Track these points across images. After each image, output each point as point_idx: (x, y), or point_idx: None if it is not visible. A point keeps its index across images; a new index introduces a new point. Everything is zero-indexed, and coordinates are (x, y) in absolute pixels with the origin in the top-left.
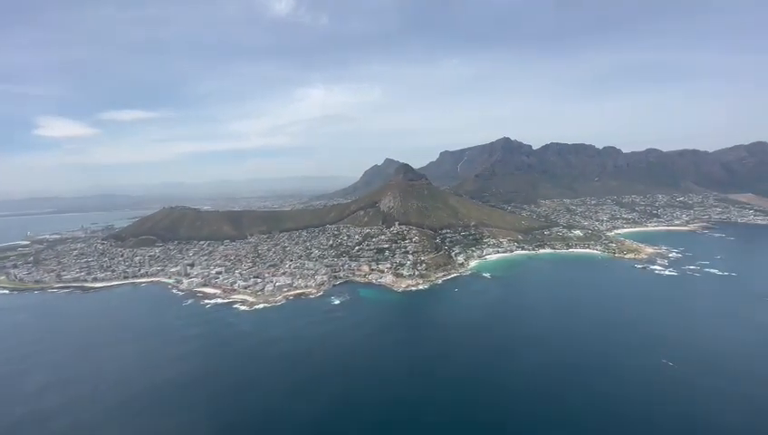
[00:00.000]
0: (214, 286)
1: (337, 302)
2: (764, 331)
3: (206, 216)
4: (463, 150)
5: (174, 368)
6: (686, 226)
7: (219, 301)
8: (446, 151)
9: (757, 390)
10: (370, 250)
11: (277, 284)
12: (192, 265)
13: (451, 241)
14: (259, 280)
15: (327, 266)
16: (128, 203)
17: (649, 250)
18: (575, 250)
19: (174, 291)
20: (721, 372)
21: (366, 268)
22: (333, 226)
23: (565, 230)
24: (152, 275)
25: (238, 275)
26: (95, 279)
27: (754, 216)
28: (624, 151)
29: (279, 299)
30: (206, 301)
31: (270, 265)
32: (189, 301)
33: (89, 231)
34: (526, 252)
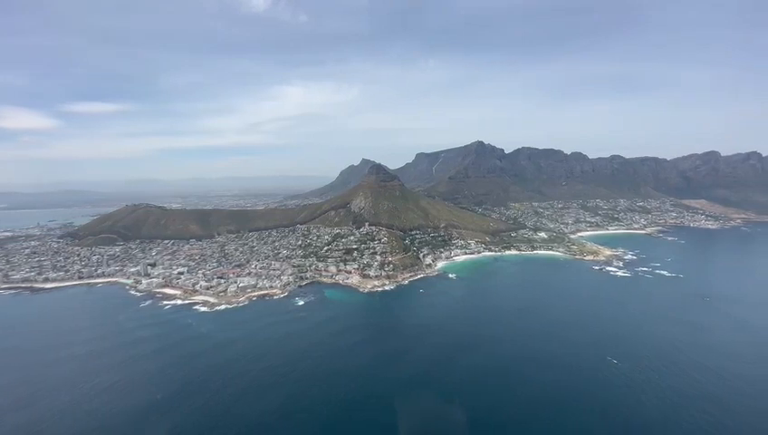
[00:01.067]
0: (175, 287)
1: (301, 303)
2: (697, 329)
3: (171, 214)
4: (438, 152)
5: (119, 372)
6: (643, 229)
7: (179, 302)
8: (422, 153)
9: (681, 380)
10: (339, 251)
11: (241, 284)
12: (154, 265)
13: (420, 242)
14: (223, 280)
15: (294, 267)
16: (92, 200)
17: (608, 252)
18: (539, 252)
19: (132, 292)
20: (655, 367)
21: (333, 269)
22: (304, 226)
23: (531, 232)
24: (110, 275)
25: (201, 275)
26: (46, 279)
27: (705, 220)
28: (590, 157)
29: (242, 300)
30: (166, 302)
31: (235, 266)
32: (147, 302)
33: (45, 229)
34: (493, 253)
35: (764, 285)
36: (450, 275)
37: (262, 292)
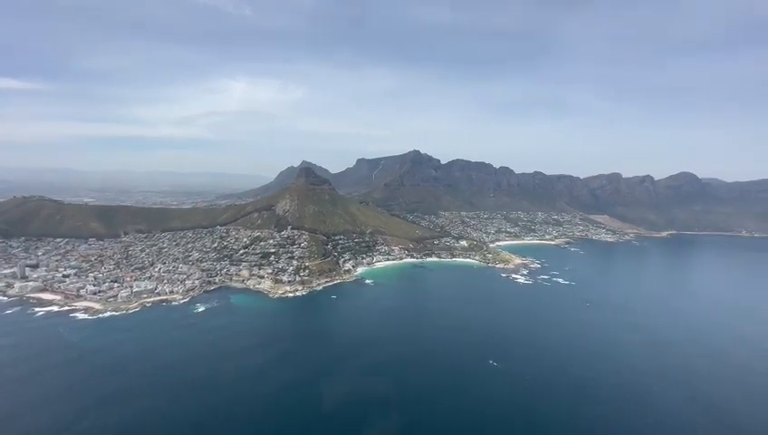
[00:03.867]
0: (55, 292)
1: (201, 309)
2: (572, 333)
3: (69, 209)
4: (379, 159)
5: None
6: (554, 240)
7: (56, 309)
8: (363, 159)
9: (553, 376)
10: (256, 255)
11: (136, 289)
12: (36, 266)
13: (343, 247)
14: (116, 284)
15: (203, 271)
16: None
17: (518, 261)
18: (457, 259)
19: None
20: (530, 366)
21: (246, 273)
22: (223, 227)
23: (453, 241)
24: None
25: (92, 278)
26: None
27: (605, 234)
28: (516, 172)
29: (133, 306)
30: (39, 309)
31: (136, 269)
32: (14, 309)
33: None
34: (414, 260)
35: (637, 292)
36: (367, 281)
37: (160, 297)
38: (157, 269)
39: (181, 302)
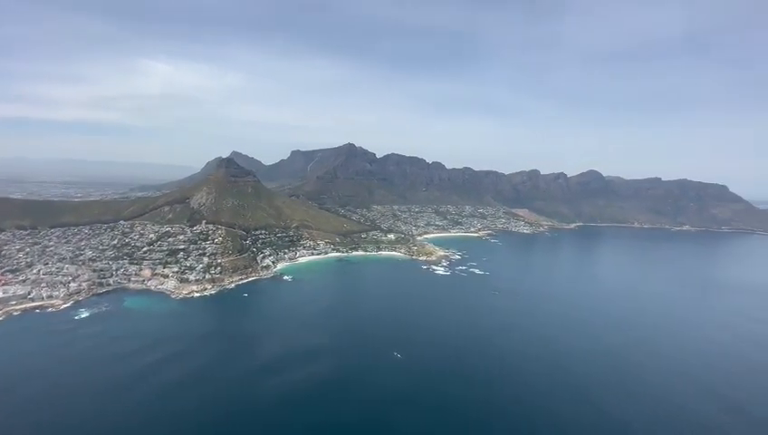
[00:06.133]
0: None
1: (84, 315)
2: (473, 321)
3: None
4: (315, 151)
5: None
6: (477, 233)
7: None
8: (298, 151)
9: (448, 365)
10: (162, 252)
11: (2, 295)
12: None
13: (263, 242)
14: None
15: (94, 271)
16: None
17: (441, 253)
18: (383, 253)
19: None
20: (431, 356)
21: (147, 273)
22: (128, 222)
23: (381, 234)
24: None
25: None
26: None
27: (524, 226)
28: (448, 167)
29: None
30: None
31: (7, 271)
32: None
33: None
34: (340, 254)
35: (539, 280)
36: (285, 277)
37: (34, 304)
38: (35, 271)
39: (62, 308)
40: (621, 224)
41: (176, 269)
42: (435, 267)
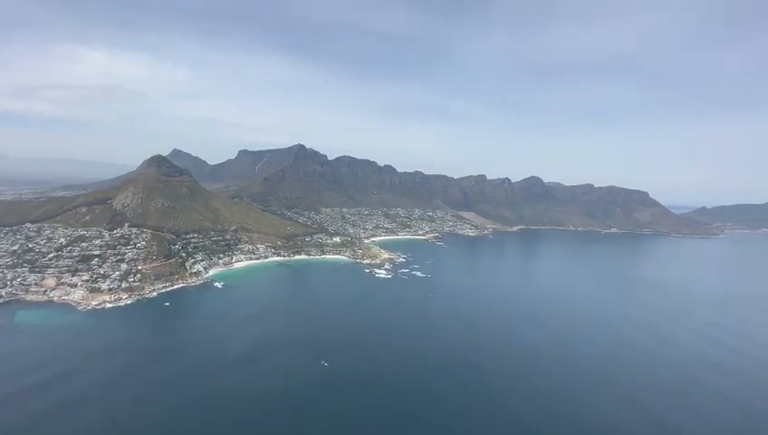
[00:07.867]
0: None
1: None
2: (406, 325)
3: None
4: (264, 151)
5: None
6: (425, 235)
7: None
8: (246, 150)
9: (372, 372)
10: (72, 258)
11: None
12: None
13: (195, 247)
14: None
15: None
16: None
17: (386, 256)
18: (327, 256)
19: None
20: (358, 364)
21: (51, 282)
22: (35, 225)
23: (327, 237)
24: None
25: None
26: None
27: (470, 229)
28: (399, 171)
29: None
30: None
31: None
32: None
33: None
34: (281, 258)
35: (476, 282)
36: (216, 284)
37: None
38: None
39: None
40: (559, 227)
41: (86, 278)
42: (377, 271)
